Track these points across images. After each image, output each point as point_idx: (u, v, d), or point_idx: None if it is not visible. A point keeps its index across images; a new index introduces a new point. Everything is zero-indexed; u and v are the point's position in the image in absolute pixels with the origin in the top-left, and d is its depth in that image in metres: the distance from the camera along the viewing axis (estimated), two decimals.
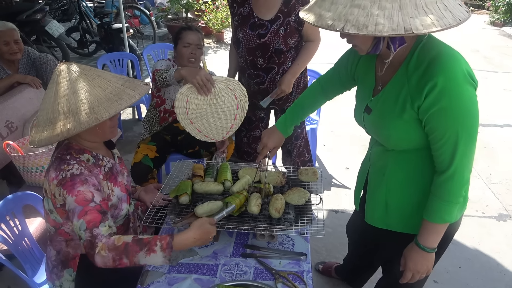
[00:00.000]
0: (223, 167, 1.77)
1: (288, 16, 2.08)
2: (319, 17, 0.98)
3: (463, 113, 1.07)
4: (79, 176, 1.26)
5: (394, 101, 1.19)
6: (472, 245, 2.50)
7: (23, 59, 2.84)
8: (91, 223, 1.20)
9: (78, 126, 1.21)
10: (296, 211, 1.56)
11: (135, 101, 1.30)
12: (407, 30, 0.89)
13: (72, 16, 6.32)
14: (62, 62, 1.31)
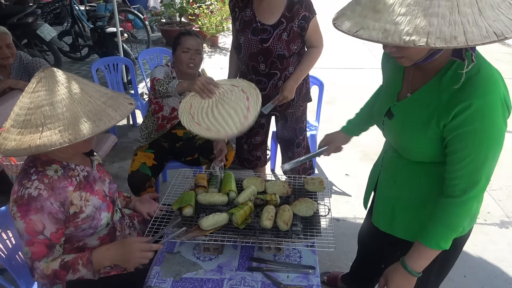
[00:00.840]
0: (227, 176, 1.71)
1: (291, 21, 2.04)
2: (385, 32, 0.83)
3: (492, 142, 1.02)
4: (35, 200, 1.21)
5: (420, 113, 1.13)
6: (475, 253, 2.47)
7: (15, 63, 2.76)
8: (35, 255, 1.23)
9: (49, 145, 1.11)
10: (304, 223, 1.51)
11: (114, 123, 1.21)
12: (499, 35, 0.80)
13: (65, 20, 6.23)
14: (45, 68, 1.23)
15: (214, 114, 1.75)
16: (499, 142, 1.04)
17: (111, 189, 1.51)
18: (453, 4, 0.81)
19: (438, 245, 1.12)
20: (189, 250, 1.50)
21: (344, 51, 6.84)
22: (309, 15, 2.07)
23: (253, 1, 2.10)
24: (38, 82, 1.19)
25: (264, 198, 1.56)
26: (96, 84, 1.31)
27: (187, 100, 1.78)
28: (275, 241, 1.40)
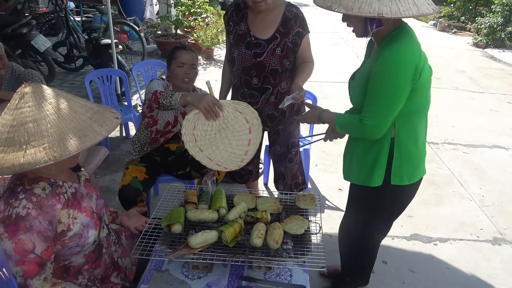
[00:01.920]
0: (218, 193, 1.69)
1: (286, 36, 2.05)
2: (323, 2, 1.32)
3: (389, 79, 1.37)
4: (23, 220, 1.18)
5: (365, 70, 1.49)
6: (468, 270, 2.45)
7: (7, 75, 2.74)
8: (27, 274, 1.20)
9: (34, 163, 1.09)
10: (294, 241, 1.49)
11: (101, 139, 1.19)
12: (379, 14, 1.24)
13: (60, 31, 6.21)
14: (27, 84, 1.20)
15: (218, 144, 1.81)
16: (397, 85, 1.37)
17: (98, 205, 1.48)
18: None
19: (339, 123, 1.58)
20: (178, 268, 1.47)
21: (336, 65, 6.89)
22: (303, 32, 2.08)
23: (247, 15, 2.11)
24: (21, 98, 1.17)
25: (254, 215, 1.54)
26: (81, 99, 1.29)
27: (190, 118, 1.75)
28: (265, 259, 1.38)
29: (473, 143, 4.25)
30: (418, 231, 2.81)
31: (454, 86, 6.20)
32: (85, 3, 8.09)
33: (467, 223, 2.92)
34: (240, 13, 2.14)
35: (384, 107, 1.40)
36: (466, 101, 5.57)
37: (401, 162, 1.55)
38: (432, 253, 2.59)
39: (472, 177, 3.57)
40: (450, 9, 11.40)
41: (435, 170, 3.66)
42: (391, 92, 1.38)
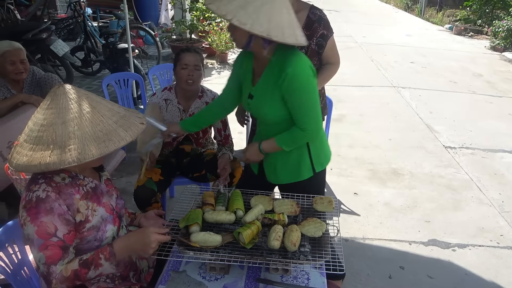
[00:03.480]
0: (235, 194, 1.69)
1: (310, 39, 2.06)
2: (217, 8, 1.38)
3: (305, 87, 1.54)
4: (44, 202, 1.21)
5: (267, 88, 1.60)
6: (488, 277, 2.40)
7: (28, 78, 2.81)
8: (50, 259, 1.21)
9: (58, 163, 1.14)
10: (312, 244, 1.48)
11: (124, 144, 1.21)
12: (269, 35, 1.36)
13: (78, 36, 6.36)
14: (60, 84, 1.24)
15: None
16: (314, 91, 1.57)
17: (118, 204, 1.50)
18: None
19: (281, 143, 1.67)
20: (195, 269, 1.47)
21: (353, 69, 6.86)
22: (328, 34, 2.09)
23: None
24: (53, 99, 1.21)
25: (272, 217, 1.53)
26: (109, 102, 1.31)
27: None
28: (282, 262, 1.37)
29: (492, 148, 4.17)
30: (436, 236, 2.76)
31: (471, 90, 6.10)
32: (102, 9, 8.24)
33: (486, 229, 2.86)
34: None
35: (317, 112, 1.62)
36: (483, 105, 5.47)
37: (318, 152, 1.78)
38: (451, 259, 2.54)
39: (491, 182, 3.50)
40: (466, 12, 11.25)
41: (453, 175, 3.59)
42: (315, 99, 1.59)
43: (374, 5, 17.45)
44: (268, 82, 1.60)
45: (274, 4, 1.39)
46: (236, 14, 1.35)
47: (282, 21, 1.40)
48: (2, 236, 1.51)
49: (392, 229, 2.83)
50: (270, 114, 1.66)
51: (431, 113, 5.12)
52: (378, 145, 4.11)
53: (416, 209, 3.07)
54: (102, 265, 1.27)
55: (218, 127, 2.44)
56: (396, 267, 2.45)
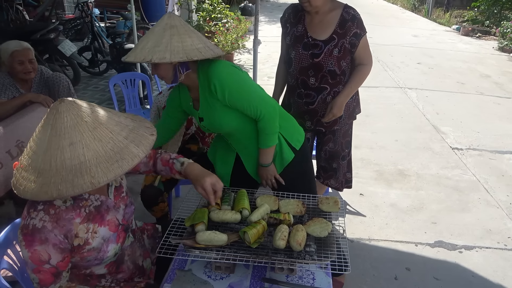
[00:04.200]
0: (241, 194, 1.70)
1: (343, 37, 2.08)
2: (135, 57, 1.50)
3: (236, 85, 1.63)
4: (39, 232, 1.16)
5: (208, 105, 1.70)
6: (495, 280, 2.38)
7: (36, 78, 2.83)
8: (42, 282, 1.19)
9: (71, 190, 1.05)
10: (318, 244, 1.47)
11: (138, 161, 1.13)
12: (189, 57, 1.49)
13: (85, 36, 6.40)
14: (61, 99, 1.13)
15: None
16: (237, 80, 1.65)
17: (127, 214, 1.46)
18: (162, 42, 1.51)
19: (267, 145, 1.77)
20: (201, 268, 1.48)
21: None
22: (361, 32, 2.10)
23: (305, 17, 2.15)
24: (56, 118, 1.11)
25: (277, 217, 1.53)
26: (116, 113, 1.24)
27: None
28: (288, 261, 1.37)
29: (499, 149, 4.13)
30: (442, 238, 2.74)
31: (479, 91, 6.06)
32: (109, 10, 8.30)
33: (494, 231, 2.83)
34: (298, 15, 2.18)
35: (258, 96, 1.69)
36: (491, 106, 5.42)
37: (288, 129, 1.86)
38: (457, 261, 2.52)
39: (499, 183, 3.47)
40: (474, 13, 11.17)
41: (460, 176, 3.57)
42: (248, 86, 1.68)
43: (381, 5, 17.38)
44: (207, 100, 1.69)
45: (180, 33, 1.54)
46: (153, 54, 1.47)
47: (193, 43, 1.55)
48: (10, 234, 1.53)
49: (398, 230, 2.81)
50: (226, 125, 1.74)
51: (438, 114, 5.08)
52: (384, 146, 4.09)
53: (423, 211, 3.05)
54: None
55: None
56: (402, 269, 2.44)
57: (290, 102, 2.33)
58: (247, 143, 1.84)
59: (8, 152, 2.31)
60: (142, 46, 1.52)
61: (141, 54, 1.49)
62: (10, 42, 2.68)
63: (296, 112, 2.29)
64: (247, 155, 1.90)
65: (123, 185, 1.50)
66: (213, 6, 7.23)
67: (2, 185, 2.24)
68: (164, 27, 1.54)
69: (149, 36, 1.53)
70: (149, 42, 1.51)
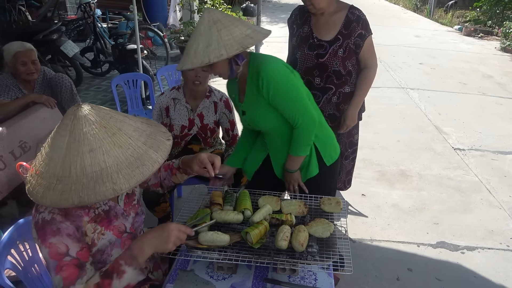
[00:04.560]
0: (243, 194, 1.70)
1: (348, 38, 2.09)
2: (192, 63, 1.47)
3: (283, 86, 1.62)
4: (49, 224, 1.15)
5: (252, 99, 1.70)
6: (498, 280, 2.37)
7: (39, 78, 2.84)
8: (67, 280, 1.13)
9: (93, 197, 1.03)
10: (320, 244, 1.48)
11: (158, 167, 1.12)
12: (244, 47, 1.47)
13: (87, 37, 6.42)
14: (78, 105, 1.11)
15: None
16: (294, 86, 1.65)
17: (136, 223, 1.44)
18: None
19: (297, 153, 1.76)
20: (203, 269, 1.48)
21: None
22: (365, 33, 2.12)
23: (311, 18, 2.18)
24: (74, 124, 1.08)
25: (279, 217, 1.54)
26: (132, 118, 1.21)
27: None
28: (290, 262, 1.38)
29: (502, 150, 4.13)
30: (444, 238, 2.74)
31: (481, 91, 6.04)
32: (111, 10, 8.32)
33: (496, 231, 2.83)
34: (304, 16, 2.21)
35: (303, 105, 1.67)
36: (494, 107, 5.41)
37: (324, 143, 1.82)
38: (460, 262, 2.52)
39: (501, 184, 3.46)
40: (476, 13, 11.14)
41: (462, 177, 3.56)
42: (296, 93, 1.65)
43: (382, 6, 17.36)
44: (252, 95, 1.69)
45: (225, 25, 1.49)
46: (209, 55, 1.44)
47: (241, 31, 1.50)
48: (14, 234, 1.54)
49: (400, 230, 2.81)
50: (265, 123, 1.74)
51: (440, 114, 5.08)
52: (386, 146, 4.09)
53: (425, 211, 3.05)
54: (125, 272, 1.17)
55: (226, 127, 2.44)
56: (404, 269, 2.43)
57: None
58: (280, 145, 1.83)
59: (11, 153, 2.33)
60: (194, 50, 1.47)
61: (197, 59, 1.45)
62: (13, 43, 2.70)
63: None
64: (277, 157, 1.89)
65: (135, 192, 1.48)
66: (215, 6, 7.23)
67: (5, 185, 2.25)
68: (208, 24, 1.48)
69: (197, 38, 1.48)
70: (200, 44, 1.46)
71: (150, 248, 1.20)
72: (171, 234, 1.20)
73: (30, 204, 2.33)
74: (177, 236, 1.21)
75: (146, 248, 1.19)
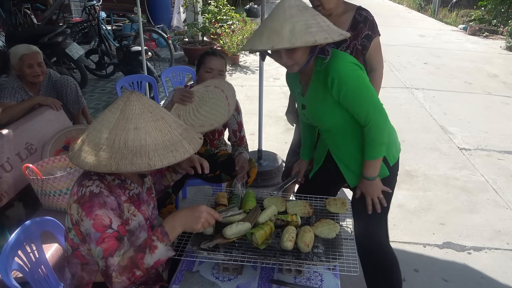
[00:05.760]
0: (248, 195, 1.70)
1: (355, 39, 2.08)
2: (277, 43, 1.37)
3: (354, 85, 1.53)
4: (97, 196, 1.23)
5: (317, 95, 1.63)
6: (505, 281, 2.35)
7: (45, 81, 2.86)
8: (107, 251, 1.20)
9: (129, 166, 1.16)
10: (325, 245, 1.47)
11: (188, 156, 1.24)
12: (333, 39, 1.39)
13: (92, 39, 6.45)
14: (132, 91, 1.27)
15: (200, 112, 2.07)
16: (360, 82, 1.54)
17: (153, 215, 1.52)
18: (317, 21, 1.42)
19: (373, 156, 1.62)
20: (208, 270, 1.48)
21: None
22: (372, 34, 2.10)
23: None
24: (126, 105, 1.23)
25: (285, 218, 1.54)
26: (171, 115, 1.34)
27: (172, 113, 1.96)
28: (296, 263, 1.37)
29: (508, 149, 4.09)
30: (451, 239, 2.72)
31: (487, 91, 6.00)
32: (116, 13, 8.36)
33: (503, 231, 2.81)
34: None
35: (374, 103, 1.57)
36: (499, 106, 5.37)
37: (389, 141, 1.69)
38: (466, 262, 2.50)
39: (508, 184, 3.43)
40: (480, 12, 11.07)
41: (468, 177, 3.54)
42: (367, 92, 1.56)
43: (386, 5, 17.31)
44: (317, 90, 1.62)
45: (316, 13, 1.46)
46: (314, 36, 1.36)
47: (325, 22, 1.45)
48: (20, 235, 1.55)
49: (406, 231, 2.80)
50: (326, 120, 1.66)
51: (445, 114, 5.05)
52: None
53: (431, 211, 3.03)
54: (157, 247, 1.23)
55: (234, 128, 2.44)
56: (411, 270, 2.42)
57: None
58: (341, 144, 1.74)
59: (17, 155, 2.34)
60: (289, 30, 1.36)
61: (296, 39, 1.35)
62: (19, 46, 2.72)
63: None
64: (338, 156, 1.78)
65: (152, 188, 1.57)
66: (219, 8, 7.25)
67: (11, 187, 2.27)
68: (298, 9, 1.42)
69: (287, 19, 1.39)
70: (296, 25, 1.37)
71: (180, 226, 1.27)
72: (202, 216, 1.28)
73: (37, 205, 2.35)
74: (206, 218, 1.28)
75: (177, 225, 1.27)
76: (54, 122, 2.68)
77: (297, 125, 2.55)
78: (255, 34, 1.46)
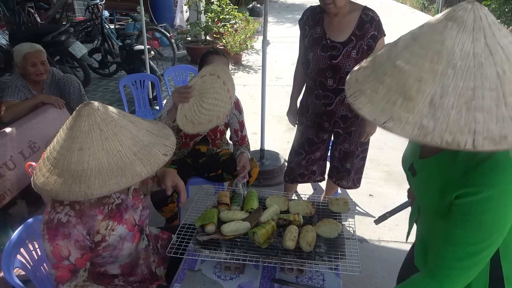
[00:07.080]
0: (250, 194, 1.70)
1: (361, 39, 2.08)
2: (422, 128, 0.74)
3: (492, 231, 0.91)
4: (63, 226, 1.20)
5: (437, 178, 1.03)
6: None
7: (48, 79, 2.87)
8: (59, 279, 1.23)
9: (67, 194, 1.06)
10: (327, 244, 1.47)
11: (138, 180, 1.10)
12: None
13: (95, 38, 6.47)
14: (88, 102, 1.15)
15: (204, 106, 2.02)
16: (499, 230, 0.91)
17: (142, 216, 1.49)
18: (499, 95, 0.69)
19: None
20: (210, 269, 1.48)
21: None
22: (378, 35, 2.10)
23: (324, 19, 2.16)
24: (76, 120, 1.13)
25: (287, 218, 1.53)
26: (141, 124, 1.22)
27: (179, 116, 1.94)
28: (297, 262, 1.37)
29: None
30: None
31: None
32: (119, 12, 8.37)
33: None
34: (316, 17, 2.19)
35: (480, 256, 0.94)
36: None
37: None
38: None
39: None
40: None
41: None
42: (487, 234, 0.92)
43: (389, 5, 17.27)
44: (439, 171, 1.04)
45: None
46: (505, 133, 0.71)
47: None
48: (23, 233, 1.56)
49: None
50: (428, 206, 1.13)
51: None
52: (394, 146, 4.06)
53: None
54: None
55: (236, 127, 2.44)
56: None
57: (308, 103, 2.34)
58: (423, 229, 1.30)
59: (20, 153, 2.35)
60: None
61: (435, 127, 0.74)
62: (23, 45, 2.73)
63: (314, 113, 2.31)
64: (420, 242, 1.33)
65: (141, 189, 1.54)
66: (222, 7, 7.25)
67: (14, 185, 2.28)
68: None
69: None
70: None
71: None
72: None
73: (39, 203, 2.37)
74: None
75: None
76: (57, 120, 2.69)
77: (298, 126, 2.55)
78: None
